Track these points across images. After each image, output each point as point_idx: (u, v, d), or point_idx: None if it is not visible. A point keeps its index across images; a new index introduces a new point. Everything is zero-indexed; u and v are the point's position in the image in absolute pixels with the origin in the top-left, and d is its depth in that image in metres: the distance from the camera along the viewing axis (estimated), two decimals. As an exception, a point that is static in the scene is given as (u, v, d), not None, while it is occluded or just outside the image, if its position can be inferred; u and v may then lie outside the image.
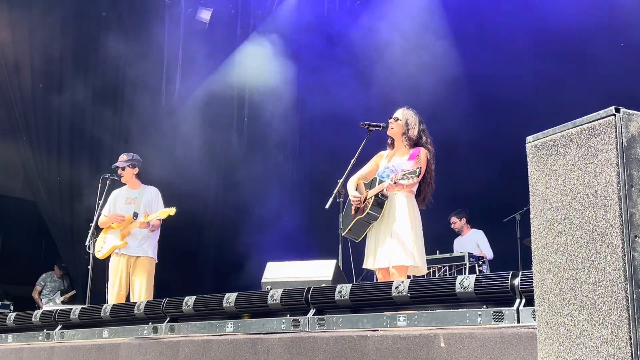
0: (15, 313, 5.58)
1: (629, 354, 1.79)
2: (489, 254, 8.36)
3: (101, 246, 6.66)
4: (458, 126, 9.07)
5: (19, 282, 10.76)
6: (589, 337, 1.91)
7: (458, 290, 3.00)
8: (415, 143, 5.03)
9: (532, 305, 2.58)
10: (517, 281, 2.83)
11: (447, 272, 7.88)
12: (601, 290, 1.89)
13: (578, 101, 7.56)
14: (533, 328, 2.39)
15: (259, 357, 3.35)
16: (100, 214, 6.71)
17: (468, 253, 7.96)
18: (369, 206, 4.88)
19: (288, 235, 10.54)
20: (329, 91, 11.13)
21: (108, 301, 6.48)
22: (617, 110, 1.93)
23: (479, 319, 2.90)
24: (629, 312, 1.81)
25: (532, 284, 2.20)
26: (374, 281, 5.93)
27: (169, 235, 7.24)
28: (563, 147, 2.08)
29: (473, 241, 8.58)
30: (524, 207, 7.70)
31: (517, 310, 2.79)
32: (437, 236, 8.32)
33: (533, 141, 2.20)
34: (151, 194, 6.80)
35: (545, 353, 2.07)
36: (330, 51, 11.40)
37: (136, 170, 6.77)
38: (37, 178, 10.22)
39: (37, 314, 5.13)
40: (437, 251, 8.11)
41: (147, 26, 10.82)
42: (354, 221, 5.00)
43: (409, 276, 4.90)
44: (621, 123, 1.91)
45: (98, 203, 6.73)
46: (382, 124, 5.18)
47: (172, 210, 6.51)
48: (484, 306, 2.95)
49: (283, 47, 11.44)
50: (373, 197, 4.88)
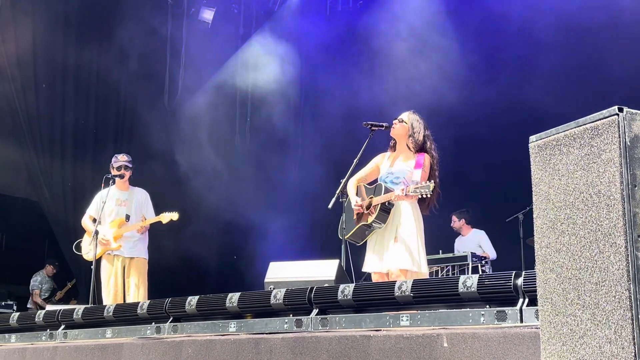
0: (18, 313, 5.59)
1: (633, 354, 1.79)
2: (492, 254, 8.36)
3: (89, 248, 6.61)
4: (461, 126, 9.06)
5: (22, 282, 10.77)
6: (592, 337, 1.91)
7: (461, 290, 3.00)
8: (420, 148, 4.98)
9: (535, 305, 2.58)
10: (520, 281, 2.83)
11: (450, 272, 7.88)
12: (604, 289, 1.89)
13: (585, 101, 7.54)
14: (536, 328, 2.39)
15: (262, 357, 3.35)
16: (98, 215, 6.69)
17: (471, 253, 7.96)
18: (375, 214, 4.80)
19: (291, 235, 10.54)
20: (332, 90, 11.14)
21: (103, 303, 6.46)
22: (620, 109, 1.92)
23: (482, 319, 2.90)
24: (633, 312, 1.81)
25: (535, 284, 2.19)
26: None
27: (171, 235, 7.25)
28: (566, 147, 2.07)
29: (475, 241, 8.57)
30: (527, 207, 7.69)
31: (520, 310, 2.79)
32: (440, 236, 8.32)
33: (536, 140, 2.20)
34: (141, 196, 6.83)
35: (548, 353, 2.07)
36: (332, 51, 11.40)
37: (131, 171, 6.80)
38: (41, 178, 10.24)
39: (40, 314, 5.13)
40: (440, 251, 8.11)
41: (150, 26, 10.83)
42: (357, 227, 4.94)
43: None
44: (624, 123, 1.91)
45: (102, 203, 6.73)
46: (385, 124, 5.14)
47: (175, 215, 6.54)
48: (487, 306, 2.95)
49: (285, 47, 11.45)
50: (379, 205, 4.80)
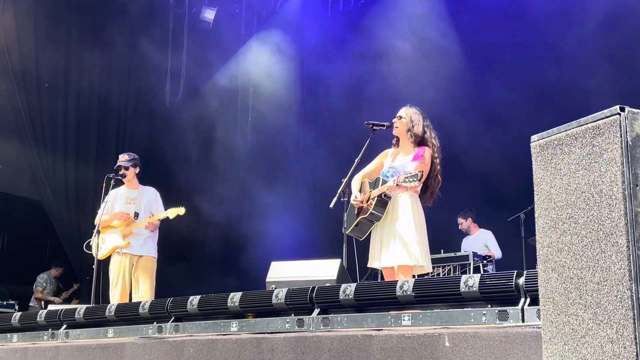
0: (20, 313, 5.58)
1: (634, 353, 1.78)
2: (498, 254, 8.36)
3: (100, 246, 6.62)
4: (462, 127, 9.06)
5: (24, 282, 10.78)
6: (594, 337, 1.91)
7: (463, 289, 3.00)
8: (420, 139, 5.05)
9: (537, 304, 2.58)
10: (522, 280, 2.83)
11: (452, 272, 7.87)
12: (606, 289, 1.89)
13: (586, 101, 7.53)
14: (538, 327, 2.39)
15: (264, 357, 3.35)
16: (101, 214, 6.70)
17: (472, 252, 7.96)
18: (372, 206, 4.91)
19: (292, 234, 10.55)
20: (333, 90, 11.14)
21: (110, 301, 6.47)
22: (622, 109, 1.92)
23: (484, 319, 2.89)
24: (634, 311, 1.80)
25: (537, 283, 2.19)
26: (379, 280, 5.93)
27: (174, 233, 7.24)
28: (568, 146, 2.07)
29: (481, 241, 8.57)
30: (529, 206, 7.68)
31: (522, 309, 2.78)
32: (443, 236, 8.32)
33: (538, 140, 2.19)
34: (151, 195, 6.81)
35: (550, 352, 2.07)
36: (333, 51, 11.40)
37: (137, 169, 6.78)
38: (44, 177, 10.25)
39: (42, 314, 5.13)
40: (442, 250, 8.10)
41: (152, 26, 10.83)
42: (358, 220, 5.04)
43: (414, 276, 4.91)
44: (626, 122, 1.91)
45: (103, 202, 6.74)
46: (386, 123, 5.19)
47: (182, 210, 6.51)
48: (489, 305, 2.95)
49: (287, 47, 11.45)
50: (376, 198, 4.91)
